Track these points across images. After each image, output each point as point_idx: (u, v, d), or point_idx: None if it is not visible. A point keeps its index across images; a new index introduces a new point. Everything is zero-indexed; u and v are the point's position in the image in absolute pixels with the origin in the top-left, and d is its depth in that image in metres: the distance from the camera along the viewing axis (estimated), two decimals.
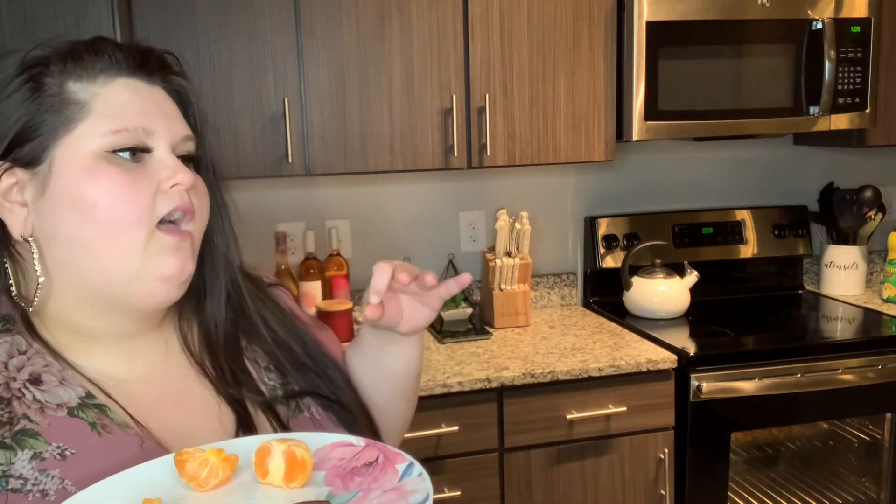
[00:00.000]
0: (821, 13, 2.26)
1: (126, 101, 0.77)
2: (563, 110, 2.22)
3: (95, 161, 0.75)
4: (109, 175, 0.74)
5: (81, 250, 0.75)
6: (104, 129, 0.75)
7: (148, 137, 0.77)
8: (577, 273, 2.69)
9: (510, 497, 2.04)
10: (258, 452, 0.72)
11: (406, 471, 0.75)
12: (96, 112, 0.76)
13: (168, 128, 0.78)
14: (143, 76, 0.80)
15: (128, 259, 0.75)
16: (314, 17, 2.04)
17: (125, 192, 0.74)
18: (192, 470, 0.70)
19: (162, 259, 0.76)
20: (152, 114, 0.78)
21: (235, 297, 0.88)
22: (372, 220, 2.51)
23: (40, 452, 0.71)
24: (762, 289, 2.74)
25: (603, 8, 2.20)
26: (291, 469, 0.71)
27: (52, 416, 0.73)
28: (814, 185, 2.79)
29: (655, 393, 2.08)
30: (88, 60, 0.77)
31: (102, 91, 0.77)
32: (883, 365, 2.17)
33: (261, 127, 2.03)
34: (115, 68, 0.78)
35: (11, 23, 1.79)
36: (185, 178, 0.77)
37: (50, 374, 0.76)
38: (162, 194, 0.76)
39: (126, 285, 0.76)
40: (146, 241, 0.75)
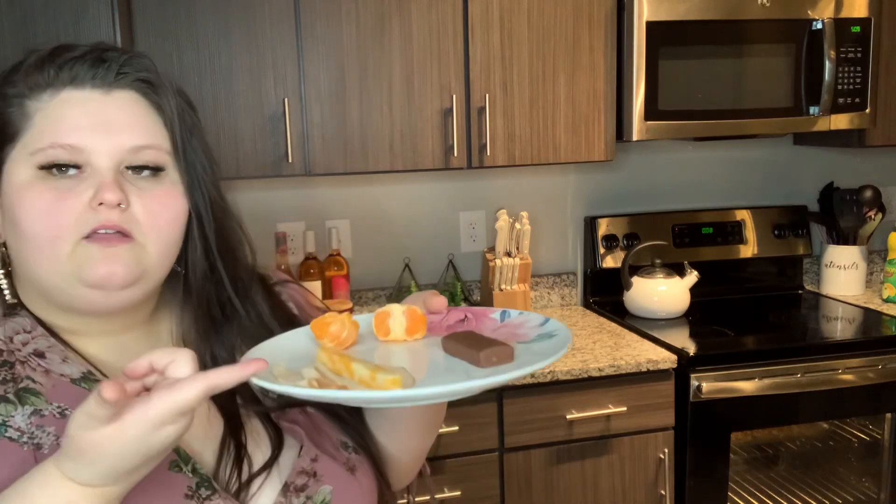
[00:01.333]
0: (821, 13, 2.26)
1: (62, 116, 0.76)
2: (563, 110, 2.22)
3: (28, 179, 0.75)
4: (33, 195, 0.74)
5: (22, 261, 0.78)
6: (34, 147, 0.75)
7: (79, 154, 0.75)
8: (577, 273, 2.69)
9: (510, 497, 2.03)
10: (378, 316, 0.83)
11: (503, 315, 0.85)
12: (34, 128, 0.76)
13: (108, 141, 0.76)
14: (101, 84, 0.78)
15: (55, 270, 0.75)
16: (314, 17, 2.04)
17: (44, 213, 0.74)
18: (335, 331, 0.80)
19: (87, 266, 0.75)
20: (88, 129, 0.76)
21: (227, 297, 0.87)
22: (372, 220, 2.51)
23: (40, 409, 0.73)
24: (762, 289, 2.74)
25: (603, 8, 2.20)
26: (413, 323, 0.82)
27: (56, 380, 0.76)
28: (814, 185, 2.79)
29: (655, 393, 2.08)
30: (39, 73, 0.77)
31: (44, 106, 0.76)
32: (883, 365, 2.16)
33: (261, 127, 2.03)
34: (63, 79, 0.77)
35: (11, 22, 1.79)
36: (110, 197, 0.74)
37: (54, 353, 0.78)
38: (89, 211, 0.74)
39: (62, 294, 0.77)
40: (70, 252, 0.75)
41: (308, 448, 0.83)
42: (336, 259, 2.37)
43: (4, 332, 0.78)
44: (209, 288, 0.85)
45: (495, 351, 0.73)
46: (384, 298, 2.51)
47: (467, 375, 0.71)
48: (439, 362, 0.76)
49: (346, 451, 0.86)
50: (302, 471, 0.81)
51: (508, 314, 0.85)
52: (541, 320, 0.82)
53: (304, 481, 0.81)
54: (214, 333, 0.87)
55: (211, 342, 0.86)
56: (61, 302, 0.78)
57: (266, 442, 0.82)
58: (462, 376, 0.71)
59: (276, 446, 0.81)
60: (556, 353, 0.72)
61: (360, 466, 0.87)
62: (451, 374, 0.72)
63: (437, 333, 0.82)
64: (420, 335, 0.82)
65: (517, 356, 0.74)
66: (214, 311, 0.86)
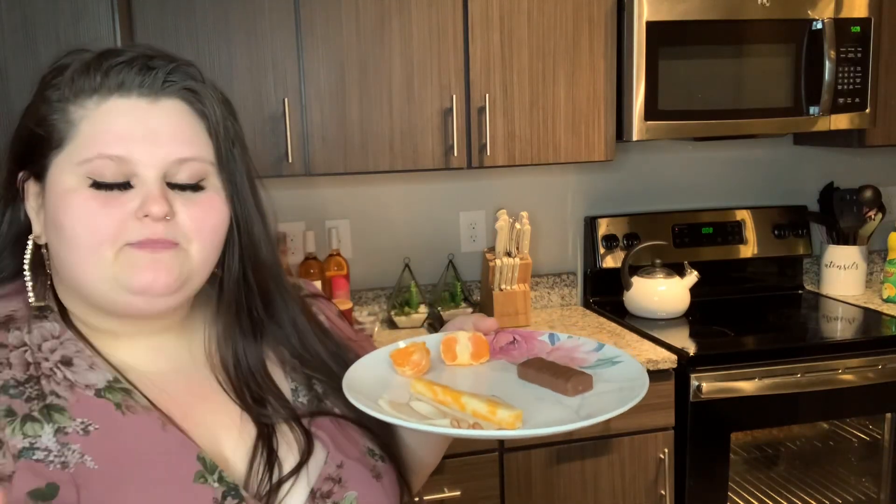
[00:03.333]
0: (821, 13, 2.26)
1: (109, 125, 0.75)
2: (563, 110, 2.22)
3: (74, 185, 0.75)
4: (80, 201, 0.74)
5: (64, 265, 0.78)
6: (80, 157, 0.75)
7: (126, 165, 0.75)
8: (577, 273, 2.69)
9: (510, 497, 2.03)
10: (446, 341, 0.89)
11: (552, 338, 0.91)
12: (81, 136, 0.75)
13: (154, 153, 0.76)
14: (147, 92, 0.77)
15: (98, 276, 0.75)
16: (314, 16, 2.04)
17: (89, 219, 0.74)
18: (417, 359, 0.86)
19: (131, 273, 0.75)
20: (135, 140, 0.75)
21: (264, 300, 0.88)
22: (372, 220, 2.51)
23: (64, 427, 0.73)
24: (762, 289, 2.74)
25: (603, 8, 2.20)
26: (478, 348, 0.88)
27: (81, 394, 0.76)
28: (814, 185, 2.79)
29: (655, 393, 2.08)
30: (86, 80, 0.76)
31: (91, 113, 0.76)
32: (883, 365, 2.16)
33: (261, 127, 2.03)
34: (110, 86, 0.76)
35: (11, 22, 1.78)
36: (157, 210, 0.74)
37: (80, 359, 0.78)
38: (135, 222, 0.75)
39: (104, 298, 0.77)
40: (114, 257, 0.75)
41: (333, 454, 0.83)
42: (336, 259, 2.37)
43: (33, 339, 0.78)
44: (243, 293, 0.86)
45: (580, 380, 0.79)
46: (384, 298, 2.51)
47: (561, 404, 0.77)
48: (523, 391, 0.81)
49: (373, 458, 0.87)
50: (328, 477, 0.81)
51: (557, 337, 0.91)
52: (594, 345, 0.89)
53: (329, 487, 0.81)
54: (245, 338, 0.87)
55: (241, 346, 0.87)
56: (102, 305, 0.78)
57: (296, 447, 0.82)
58: (557, 405, 0.77)
59: (305, 451, 0.81)
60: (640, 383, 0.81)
61: (386, 474, 0.87)
62: (544, 403, 0.78)
63: (493, 356, 0.89)
64: (485, 360, 0.89)
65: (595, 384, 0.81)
66: (248, 316, 0.87)
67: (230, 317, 0.87)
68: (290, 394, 0.87)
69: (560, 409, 0.76)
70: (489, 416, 0.73)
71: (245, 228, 0.84)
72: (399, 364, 0.86)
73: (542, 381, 0.80)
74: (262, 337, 0.88)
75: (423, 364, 0.86)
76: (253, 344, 0.87)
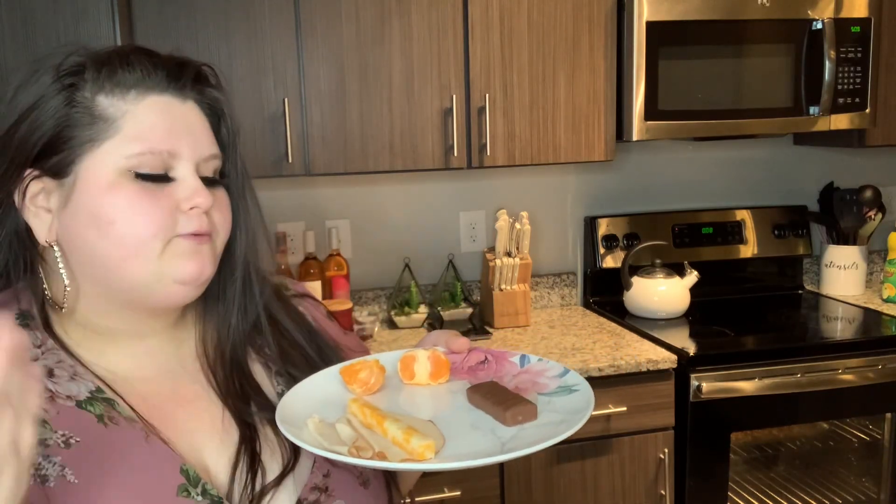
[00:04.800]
0: (821, 13, 2.26)
1: (154, 121, 0.77)
2: (563, 110, 2.22)
3: (117, 180, 0.75)
4: (128, 194, 0.75)
5: (100, 262, 0.77)
6: (129, 151, 0.76)
7: (172, 159, 0.77)
8: (577, 273, 2.69)
9: (510, 497, 2.03)
10: (403, 360, 0.86)
11: (522, 360, 0.89)
12: (124, 131, 0.76)
13: (194, 147, 0.79)
14: (176, 91, 0.79)
15: (145, 268, 0.76)
16: (314, 17, 2.04)
17: (142, 211, 0.75)
18: (364, 377, 0.82)
19: (180, 263, 0.77)
20: (179, 134, 0.78)
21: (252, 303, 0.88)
22: (372, 220, 2.51)
23: (45, 439, 0.72)
24: (762, 289, 2.74)
25: (603, 8, 2.20)
26: (437, 368, 0.85)
27: (62, 406, 0.75)
28: (814, 185, 2.79)
29: (655, 393, 2.08)
30: (121, 74, 0.77)
31: (132, 109, 0.77)
32: (883, 365, 2.16)
33: (261, 127, 2.03)
34: (147, 84, 0.78)
35: (11, 22, 1.79)
36: (204, 201, 0.77)
37: (62, 370, 0.77)
38: (181, 214, 0.77)
39: (144, 290, 0.78)
40: (162, 250, 0.76)
41: (320, 463, 0.82)
42: (336, 259, 2.37)
43: None
44: (243, 295, 0.87)
45: (521, 410, 0.76)
46: (384, 298, 2.51)
47: (493, 434, 0.74)
48: (464, 416, 0.79)
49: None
50: (314, 487, 0.81)
51: (528, 359, 0.88)
52: (560, 370, 0.86)
53: (316, 497, 0.80)
54: (238, 336, 0.87)
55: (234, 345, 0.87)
56: (139, 299, 0.78)
57: (280, 452, 0.81)
58: (488, 435, 0.74)
59: (290, 459, 0.81)
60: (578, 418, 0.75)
61: (373, 479, 0.87)
62: (477, 432, 0.75)
63: (458, 376, 0.87)
64: (444, 380, 0.86)
65: (540, 412, 0.78)
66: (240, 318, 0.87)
67: (224, 317, 0.87)
68: (277, 398, 0.86)
69: (490, 439, 0.73)
70: (403, 444, 0.71)
71: (250, 230, 0.86)
72: (348, 382, 0.83)
73: (486, 407, 0.78)
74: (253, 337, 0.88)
75: (371, 382, 0.83)
76: (242, 342, 0.87)
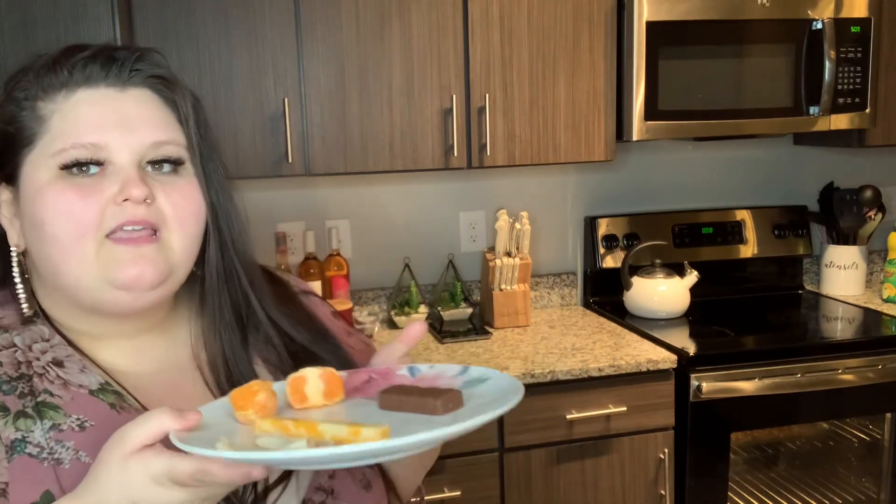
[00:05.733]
0: (821, 13, 2.26)
1: (80, 115, 0.75)
2: (563, 110, 2.22)
3: (48, 180, 0.74)
4: (55, 194, 0.74)
5: (47, 265, 0.77)
6: (55, 148, 0.74)
7: (100, 152, 0.75)
8: (577, 273, 2.69)
9: (510, 497, 2.03)
10: (292, 383, 0.75)
11: (412, 371, 0.81)
12: (52, 130, 0.75)
13: (128, 138, 0.76)
14: (115, 82, 0.77)
15: (82, 272, 0.75)
16: (314, 17, 2.04)
17: (67, 209, 0.73)
18: (262, 399, 0.72)
19: (116, 267, 0.74)
20: (108, 126, 0.75)
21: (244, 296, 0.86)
22: (372, 220, 2.51)
23: (59, 424, 0.73)
24: (762, 289, 2.74)
25: (603, 8, 2.20)
26: (331, 386, 0.76)
27: (75, 392, 0.76)
28: (814, 185, 2.79)
29: (655, 393, 2.08)
30: (50, 77, 0.76)
31: (61, 107, 0.76)
32: (883, 365, 2.16)
33: (261, 127, 2.03)
34: (76, 80, 0.76)
35: (11, 22, 1.79)
36: (137, 193, 0.74)
37: (71, 362, 0.78)
38: (114, 207, 0.74)
39: (89, 295, 0.76)
40: (96, 252, 0.74)
41: None
42: (336, 259, 2.38)
43: (23, 340, 0.78)
44: (226, 288, 0.85)
45: (449, 398, 0.72)
46: (384, 298, 2.51)
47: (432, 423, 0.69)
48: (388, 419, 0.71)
49: (361, 467, 0.85)
50: (319, 487, 0.81)
51: (418, 369, 0.82)
52: (458, 369, 0.80)
53: (321, 499, 0.80)
54: (232, 335, 0.85)
55: (228, 344, 0.85)
56: (87, 304, 0.77)
57: None
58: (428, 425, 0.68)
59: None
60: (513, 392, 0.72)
61: (374, 482, 0.86)
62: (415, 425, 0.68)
63: (349, 395, 0.78)
64: (339, 398, 0.77)
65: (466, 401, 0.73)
66: (233, 312, 0.85)
67: (214, 313, 0.85)
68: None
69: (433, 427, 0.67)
70: (352, 437, 0.65)
71: (224, 218, 0.83)
72: (240, 407, 0.72)
73: (409, 405, 0.73)
74: (247, 333, 0.87)
75: (269, 406, 0.73)
76: (239, 340, 0.86)
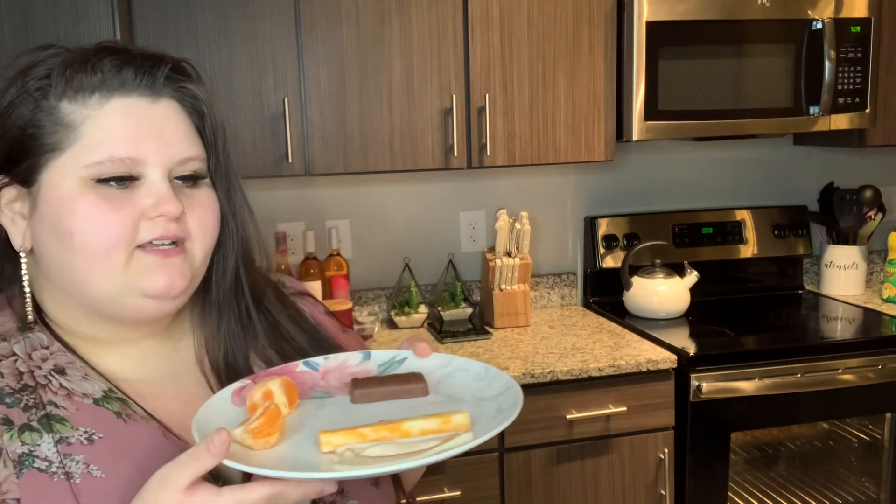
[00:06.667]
0: (821, 13, 2.26)
1: (116, 126, 0.74)
2: (563, 110, 2.22)
3: (78, 189, 0.73)
4: (87, 205, 0.72)
5: (66, 272, 0.75)
6: (89, 160, 0.73)
7: (136, 166, 0.74)
8: (577, 273, 2.69)
9: (510, 497, 2.03)
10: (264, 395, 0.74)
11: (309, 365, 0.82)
12: (84, 138, 0.73)
13: (162, 152, 0.75)
14: (146, 91, 0.76)
15: (109, 281, 0.74)
16: (314, 17, 2.04)
17: (101, 221, 0.72)
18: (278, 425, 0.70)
19: (146, 277, 0.74)
20: (144, 140, 0.74)
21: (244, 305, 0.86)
22: (372, 220, 2.51)
23: (66, 437, 0.72)
24: (762, 289, 2.74)
25: (603, 8, 2.20)
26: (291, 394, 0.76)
27: (80, 403, 0.74)
28: (814, 185, 2.79)
29: (655, 393, 2.08)
30: (84, 77, 0.74)
31: (94, 114, 0.73)
32: (883, 365, 2.16)
33: (261, 127, 2.03)
34: (111, 85, 0.74)
35: (11, 21, 1.79)
36: (171, 209, 0.74)
37: (73, 370, 0.77)
38: (146, 221, 0.74)
39: (112, 303, 0.75)
40: (125, 262, 0.74)
41: None
42: (336, 259, 2.37)
43: (23, 348, 0.76)
44: (233, 295, 0.85)
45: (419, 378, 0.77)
46: (384, 298, 2.51)
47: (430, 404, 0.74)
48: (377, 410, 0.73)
49: None
50: None
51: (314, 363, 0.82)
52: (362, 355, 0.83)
53: (331, 499, 0.80)
54: (235, 340, 0.85)
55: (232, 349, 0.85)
56: (109, 312, 0.76)
57: None
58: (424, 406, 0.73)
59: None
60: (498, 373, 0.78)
61: (382, 479, 0.86)
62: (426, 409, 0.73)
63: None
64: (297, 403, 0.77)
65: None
66: (238, 317, 0.85)
67: (220, 319, 0.85)
68: None
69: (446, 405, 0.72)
70: (443, 427, 0.66)
71: (239, 227, 0.84)
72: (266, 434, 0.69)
73: (391, 394, 0.74)
74: (250, 339, 0.87)
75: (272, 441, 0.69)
76: (243, 345, 0.86)
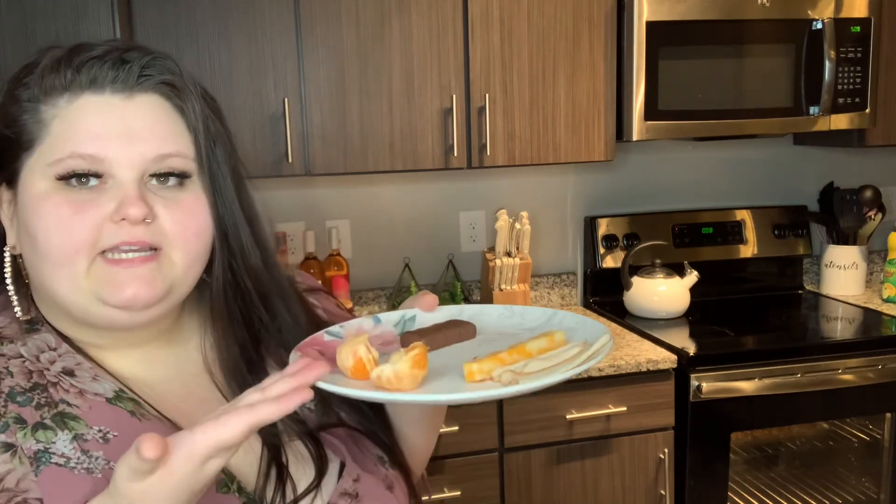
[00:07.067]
0: (821, 13, 2.26)
1: (80, 123, 0.71)
2: (563, 110, 2.22)
3: (44, 190, 0.71)
4: (50, 207, 0.70)
5: (40, 277, 0.73)
6: (52, 157, 0.70)
7: (100, 164, 0.70)
8: (577, 273, 2.69)
9: (510, 497, 2.03)
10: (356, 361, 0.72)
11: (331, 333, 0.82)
12: (52, 136, 0.71)
13: (129, 151, 0.71)
14: (121, 87, 0.73)
15: (73, 289, 0.71)
16: (314, 17, 2.04)
17: (61, 225, 0.70)
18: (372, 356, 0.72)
19: (107, 288, 0.71)
20: (109, 137, 0.71)
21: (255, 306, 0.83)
22: (372, 220, 2.51)
23: (82, 434, 0.70)
24: (762, 289, 2.74)
25: (603, 8, 2.20)
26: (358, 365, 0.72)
27: (92, 401, 0.73)
28: (814, 185, 2.79)
29: (655, 393, 2.08)
30: (56, 75, 0.72)
31: (62, 112, 0.71)
32: (883, 365, 2.16)
33: (261, 127, 2.03)
34: (81, 83, 0.72)
35: (11, 21, 1.79)
36: (134, 212, 0.69)
37: (82, 371, 0.75)
38: (111, 225, 0.70)
39: (82, 311, 0.73)
40: (87, 268, 0.71)
41: (350, 467, 0.80)
42: (336, 259, 2.38)
43: (29, 350, 0.74)
44: (235, 301, 0.81)
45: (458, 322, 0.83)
46: (384, 298, 2.51)
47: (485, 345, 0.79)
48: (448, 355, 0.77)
49: (384, 467, 0.84)
50: (344, 492, 0.78)
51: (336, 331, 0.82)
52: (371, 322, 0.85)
53: (346, 503, 0.79)
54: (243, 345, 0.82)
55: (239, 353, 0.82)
56: (82, 319, 0.74)
57: (309, 462, 0.78)
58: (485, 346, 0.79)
59: (319, 468, 0.77)
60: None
61: (396, 483, 0.85)
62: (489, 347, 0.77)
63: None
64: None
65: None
66: (244, 323, 0.82)
67: (224, 323, 0.82)
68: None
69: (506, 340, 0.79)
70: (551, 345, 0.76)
71: (232, 233, 0.78)
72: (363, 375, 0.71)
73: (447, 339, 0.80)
74: (261, 343, 0.84)
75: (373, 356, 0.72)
76: (252, 346, 0.83)
